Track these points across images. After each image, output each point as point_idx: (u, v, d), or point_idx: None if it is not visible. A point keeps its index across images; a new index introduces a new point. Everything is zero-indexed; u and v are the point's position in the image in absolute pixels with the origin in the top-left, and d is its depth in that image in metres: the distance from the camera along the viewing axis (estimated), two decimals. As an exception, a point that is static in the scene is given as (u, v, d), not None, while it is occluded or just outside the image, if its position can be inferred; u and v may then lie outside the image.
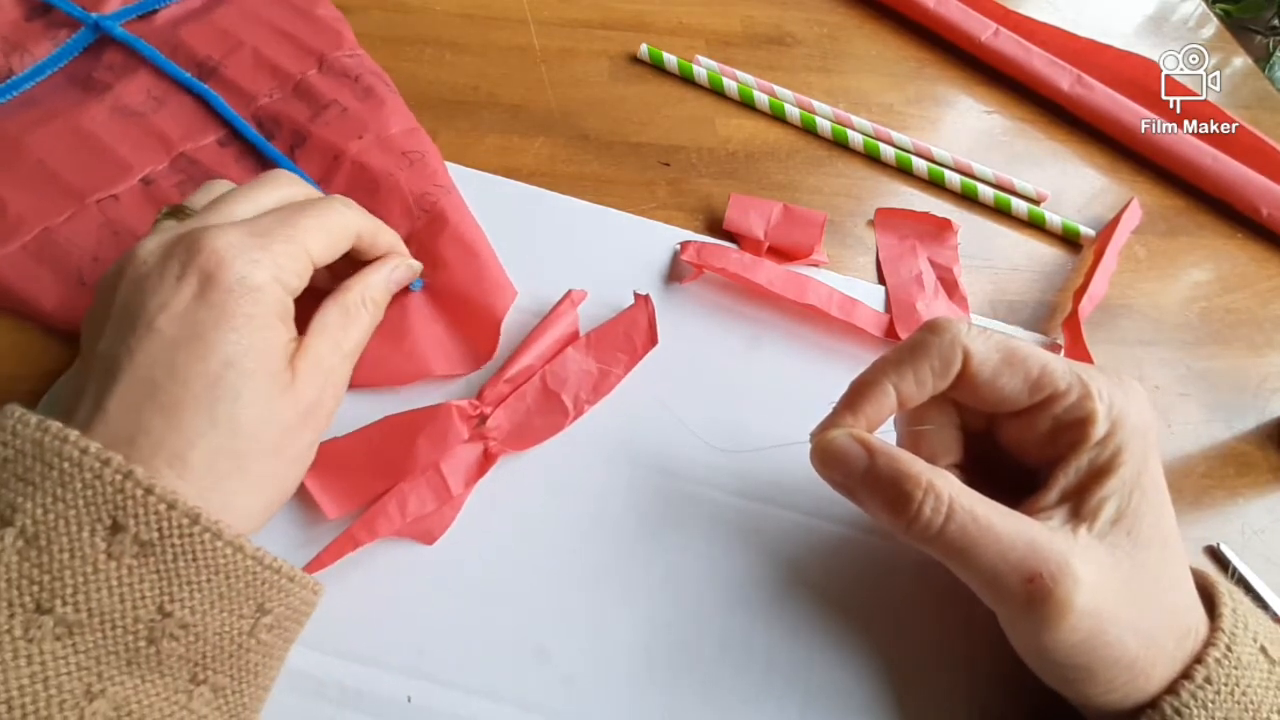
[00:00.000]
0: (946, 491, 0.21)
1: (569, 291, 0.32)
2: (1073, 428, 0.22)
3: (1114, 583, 0.20)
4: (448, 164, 0.36)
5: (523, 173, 0.38)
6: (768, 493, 0.29)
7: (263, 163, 0.35)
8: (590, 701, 0.24)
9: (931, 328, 0.23)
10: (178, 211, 0.25)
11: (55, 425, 0.19)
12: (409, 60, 0.42)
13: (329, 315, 0.25)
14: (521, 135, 0.40)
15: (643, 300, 0.32)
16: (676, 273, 0.35)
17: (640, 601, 0.26)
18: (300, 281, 0.23)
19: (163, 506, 0.18)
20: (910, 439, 0.25)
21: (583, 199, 0.37)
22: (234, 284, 0.21)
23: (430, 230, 0.33)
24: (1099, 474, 0.22)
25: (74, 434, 0.19)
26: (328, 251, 0.24)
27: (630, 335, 0.31)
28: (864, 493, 0.22)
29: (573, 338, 0.31)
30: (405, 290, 0.31)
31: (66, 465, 0.18)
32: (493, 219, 0.34)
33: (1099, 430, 0.22)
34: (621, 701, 0.24)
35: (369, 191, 0.34)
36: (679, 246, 0.35)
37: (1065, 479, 0.22)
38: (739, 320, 0.34)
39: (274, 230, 0.23)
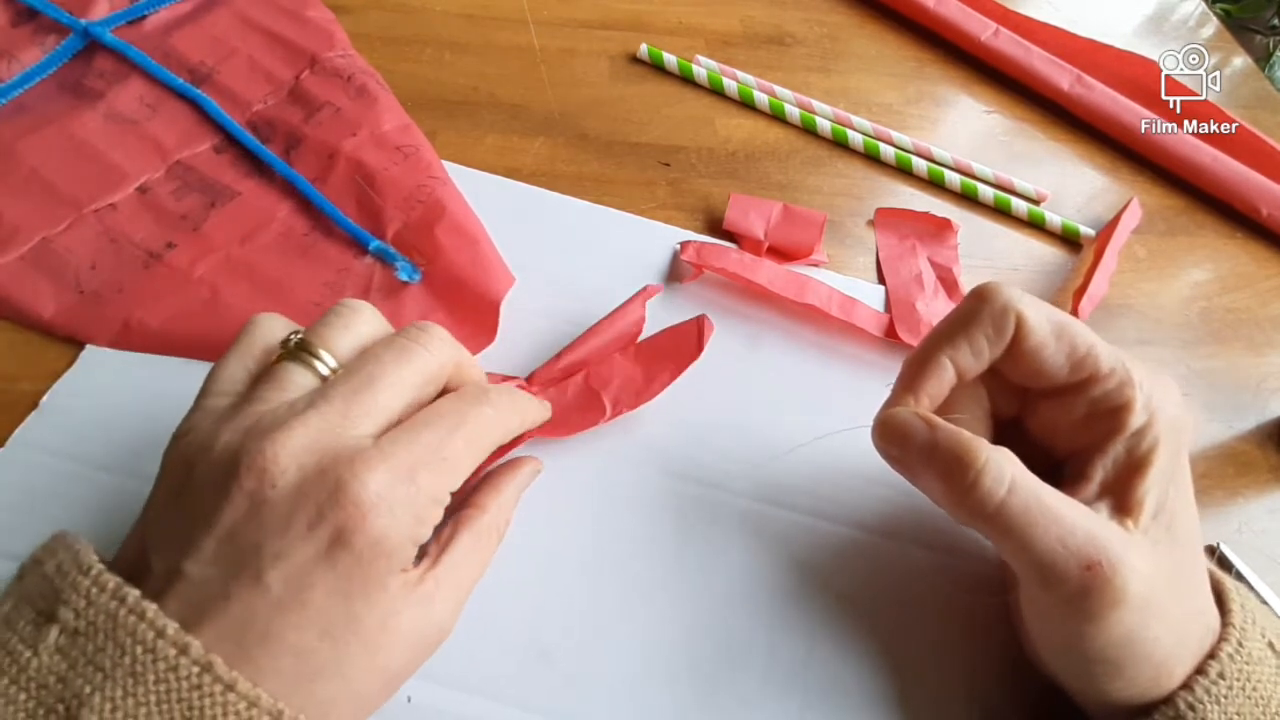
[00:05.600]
0: (1009, 468, 0.20)
1: (645, 286, 0.33)
2: (1109, 415, 0.22)
3: (1158, 579, 0.20)
4: (448, 164, 0.36)
5: (523, 173, 0.38)
6: (770, 494, 0.29)
7: (258, 167, 0.35)
8: (591, 702, 0.24)
9: (981, 295, 0.22)
10: (301, 354, 0.21)
11: (132, 595, 0.17)
12: (409, 60, 0.42)
13: (459, 549, 0.21)
14: (521, 135, 0.40)
15: (699, 319, 0.31)
16: (676, 273, 0.35)
17: (641, 602, 0.26)
18: (431, 529, 0.20)
19: (242, 706, 0.17)
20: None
21: (583, 199, 0.37)
22: (366, 548, 0.18)
23: (427, 219, 0.33)
24: (1138, 466, 0.21)
25: (151, 609, 0.17)
26: (467, 476, 0.21)
27: (679, 346, 0.31)
28: (923, 466, 0.22)
29: (635, 335, 0.31)
30: (404, 283, 0.31)
31: (140, 650, 0.16)
32: (493, 219, 0.34)
33: (1136, 420, 0.21)
34: (622, 702, 0.24)
35: (365, 187, 0.34)
36: (679, 246, 0.35)
37: (1103, 470, 0.22)
38: (739, 320, 0.34)
39: (423, 468, 0.19)
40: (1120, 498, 0.21)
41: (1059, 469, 0.23)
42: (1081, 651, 0.21)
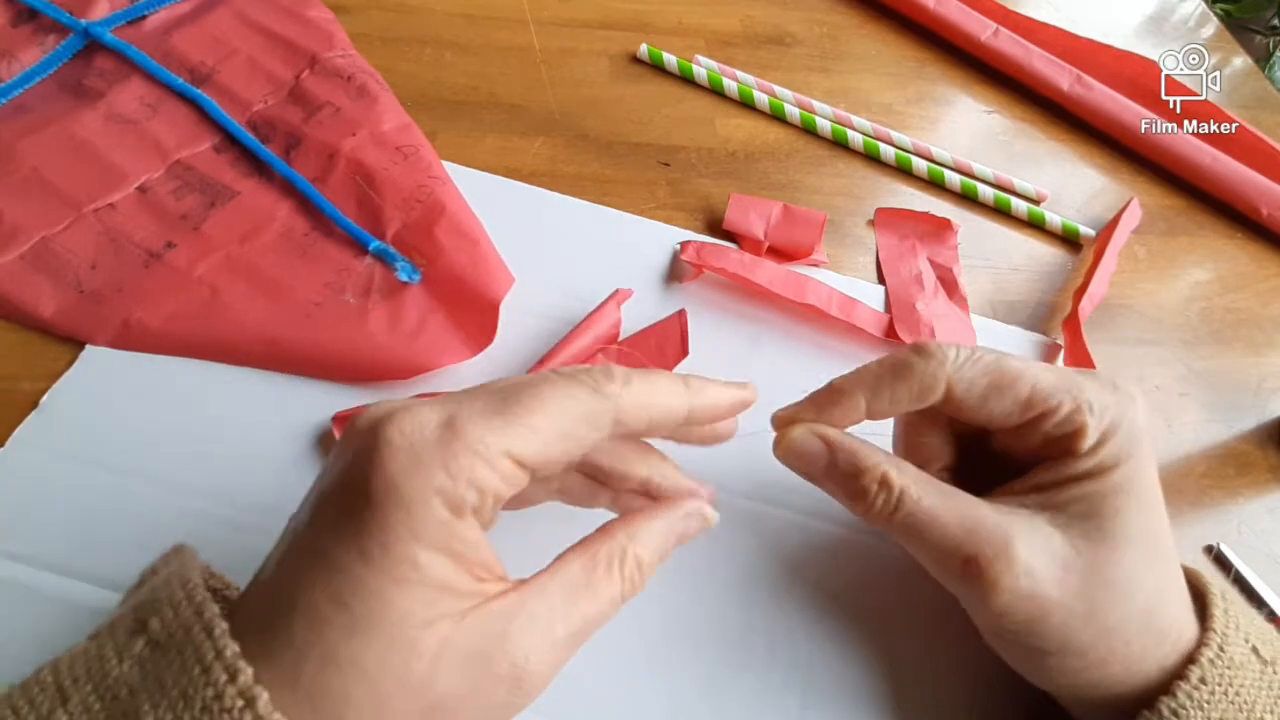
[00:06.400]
0: (899, 483, 0.22)
1: (615, 291, 0.33)
2: (1063, 440, 0.22)
3: (1067, 574, 0.21)
4: (448, 164, 0.36)
5: (523, 173, 0.38)
6: (769, 492, 0.29)
7: (258, 167, 0.35)
8: (590, 701, 0.24)
9: (919, 351, 0.23)
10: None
11: (210, 610, 0.16)
12: (409, 60, 0.42)
13: (563, 573, 0.18)
14: (521, 135, 0.40)
15: (678, 314, 0.32)
16: (676, 273, 0.35)
17: (641, 599, 0.26)
18: (489, 497, 0.17)
19: None
20: (904, 444, 0.26)
21: (583, 199, 0.37)
22: (379, 494, 0.16)
23: (427, 219, 0.33)
24: (1080, 477, 0.22)
25: (220, 627, 0.16)
26: (548, 450, 0.18)
27: (662, 346, 0.31)
28: (827, 483, 0.24)
29: (613, 337, 0.32)
30: (404, 283, 0.31)
31: (197, 671, 0.15)
32: (493, 219, 0.34)
33: (1088, 442, 0.22)
34: (622, 701, 0.24)
35: (364, 187, 0.34)
36: (679, 246, 0.35)
37: (1044, 474, 0.22)
38: (739, 320, 0.34)
39: (470, 420, 0.17)
40: (1047, 497, 0.22)
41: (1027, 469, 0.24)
42: (998, 636, 0.23)
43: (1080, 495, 0.22)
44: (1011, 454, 0.24)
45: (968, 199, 0.42)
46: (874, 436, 0.24)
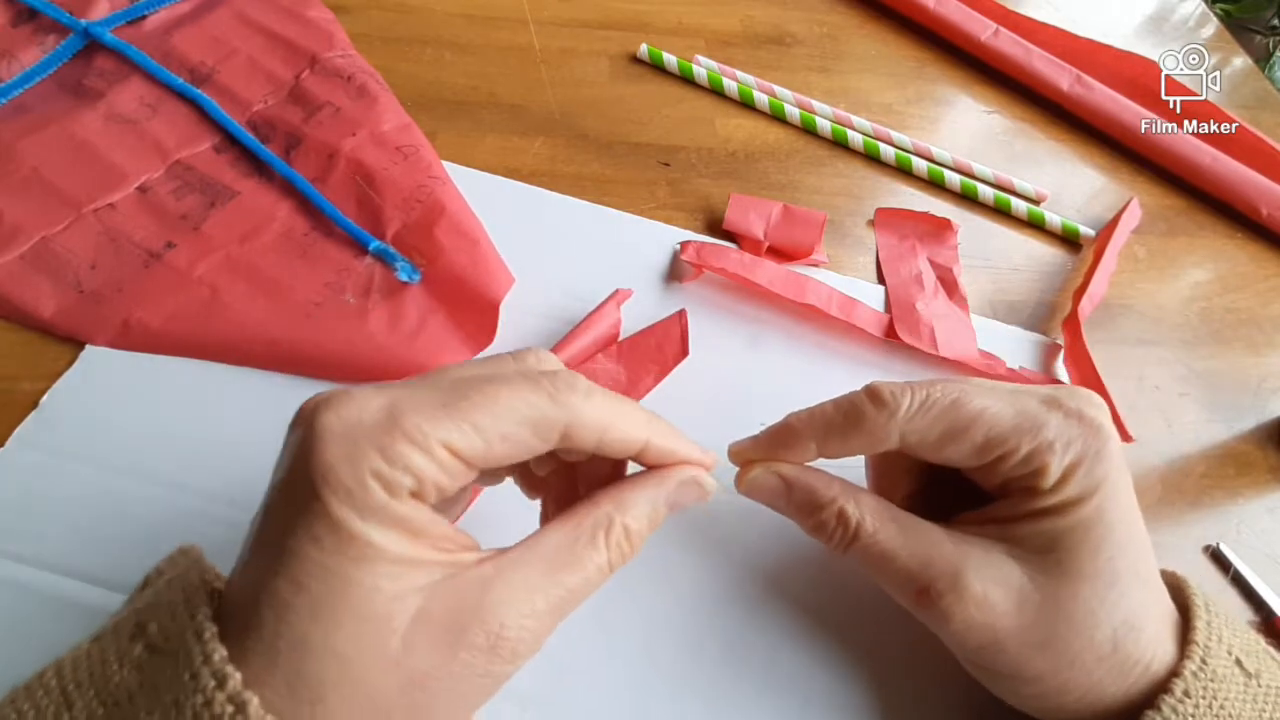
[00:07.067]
0: (854, 517, 0.23)
1: (615, 291, 0.33)
2: (1023, 479, 0.22)
3: (1023, 606, 0.21)
4: (448, 164, 0.36)
5: (523, 173, 0.38)
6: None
7: (258, 167, 0.35)
8: (590, 701, 0.24)
9: (874, 398, 0.22)
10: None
11: (202, 612, 0.16)
12: (409, 60, 0.42)
13: (543, 543, 0.18)
14: (521, 135, 0.40)
15: (678, 314, 0.32)
16: (676, 273, 0.35)
17: (641, 600, 0.26)
18: (429, 485, 0.17)
19: None
20: (872, 471, 0.26)
21: (583, 199, 0.37)
22: (317, 477, 0.16)
23: (427, 219, 0.33)
24: (1041, 513, 0.22)
25: (209, 630, 0.16)
26: (491, 449, 0.17)
27: (662, 346, 0.31)
28: (788, 514, 0.24)
29: (613, 337, 0.32)
30: (404, 283, 0.31)
31: (187, 676, 0.15)
32: (493, 219, 0.34)
33: (1049, 481, 0.21)
34: (622, 700, 0.24)
35: (364, 187, 0.34)
36: (679, 246, 0.35)
37: (1005, 508, 0.22)
38: (739, 320, 0.34)
39: (413, 410, 0.17)
40: (1005, 529, 0.22)
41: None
42: (960, 658, 0.23)
43: (1036, 530, 0.21)
44: (979, 482, 0.24)
45: (968, 199, 0.42)
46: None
